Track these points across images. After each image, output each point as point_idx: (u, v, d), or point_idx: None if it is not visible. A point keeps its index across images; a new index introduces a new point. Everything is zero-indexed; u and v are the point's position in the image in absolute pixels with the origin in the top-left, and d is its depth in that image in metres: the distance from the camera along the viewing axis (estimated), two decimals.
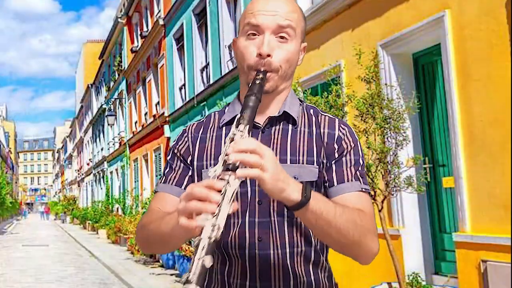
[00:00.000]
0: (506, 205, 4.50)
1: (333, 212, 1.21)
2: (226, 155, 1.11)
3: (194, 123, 1.51)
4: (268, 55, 1.32)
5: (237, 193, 1.16)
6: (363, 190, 1.36)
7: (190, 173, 1.43)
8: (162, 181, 1.46)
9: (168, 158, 1.49)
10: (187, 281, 0.99)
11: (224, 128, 1.43)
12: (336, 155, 1.38)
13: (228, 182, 1.08)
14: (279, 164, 1.15)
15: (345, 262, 1.33)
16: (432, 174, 5.92)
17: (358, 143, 1.43)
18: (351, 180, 1.36)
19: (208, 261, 1.02)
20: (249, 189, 1.36)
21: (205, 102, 12.65)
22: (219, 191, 1.06)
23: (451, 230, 5.62)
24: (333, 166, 1.37)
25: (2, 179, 35.05)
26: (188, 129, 1.49)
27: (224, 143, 1.36)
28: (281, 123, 1.41)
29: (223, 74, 11.45)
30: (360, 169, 1.39)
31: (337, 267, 1.75)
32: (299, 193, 1.15)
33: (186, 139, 1.46)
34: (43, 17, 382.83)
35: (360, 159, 1.40)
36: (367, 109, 4.81)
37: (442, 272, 5.80)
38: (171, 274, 10.12)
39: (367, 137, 4.77)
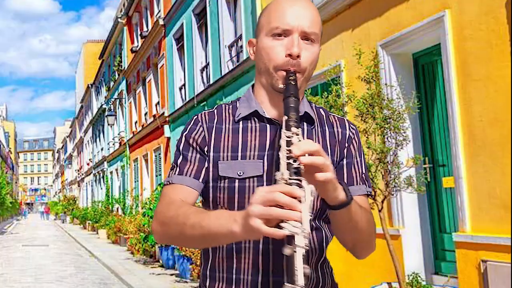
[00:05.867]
0: (506, 205, 4.50)
1: (359, 212, 1.30)
2: (288, 158, 1.14)
3: (205, 112, 1.48)
4: (298, 56, 1.34)
5: (257, 187, 1.26)
6: (368, 193, 1.45)
7: (206, 165, 1.41)
8: (177, 172, 1.41)
9: (181, 147, 1.44)
10: None
11: (240, 122, 1.42)
12: (346, 155, 1.44)
13: (302, 187, 1.11)
14: None
15: (345, 262, 1.33)
16: (432, 174, 5.92)
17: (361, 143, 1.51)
18: (359, 184, 1.44)
19: (308, 270, 1.07)
20: (265, 183, 1.35)
21: (205, 102, 12.65)
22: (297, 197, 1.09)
23: (451, 230, 5.62)
24: (344, 167, 1.44)
25: (2, 179, 35.00)
26: (201, 118, 1.46)
27: (242, 137, 1.40)
28: None
29: (223, 74, 11.45)
30: (365, 171, 1.47)
31: (337, 267, 1.75)
32: (343, 192, 1.22)
33: (201, 128, 1.43)
34: (43, 17, 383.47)
35: (363, 159, 1.48)
36: (367, 109, 4.81)
37: (442, 272, 5.80)
38: (171, 274, 10.12)
39: (367, 137, 4.77)
